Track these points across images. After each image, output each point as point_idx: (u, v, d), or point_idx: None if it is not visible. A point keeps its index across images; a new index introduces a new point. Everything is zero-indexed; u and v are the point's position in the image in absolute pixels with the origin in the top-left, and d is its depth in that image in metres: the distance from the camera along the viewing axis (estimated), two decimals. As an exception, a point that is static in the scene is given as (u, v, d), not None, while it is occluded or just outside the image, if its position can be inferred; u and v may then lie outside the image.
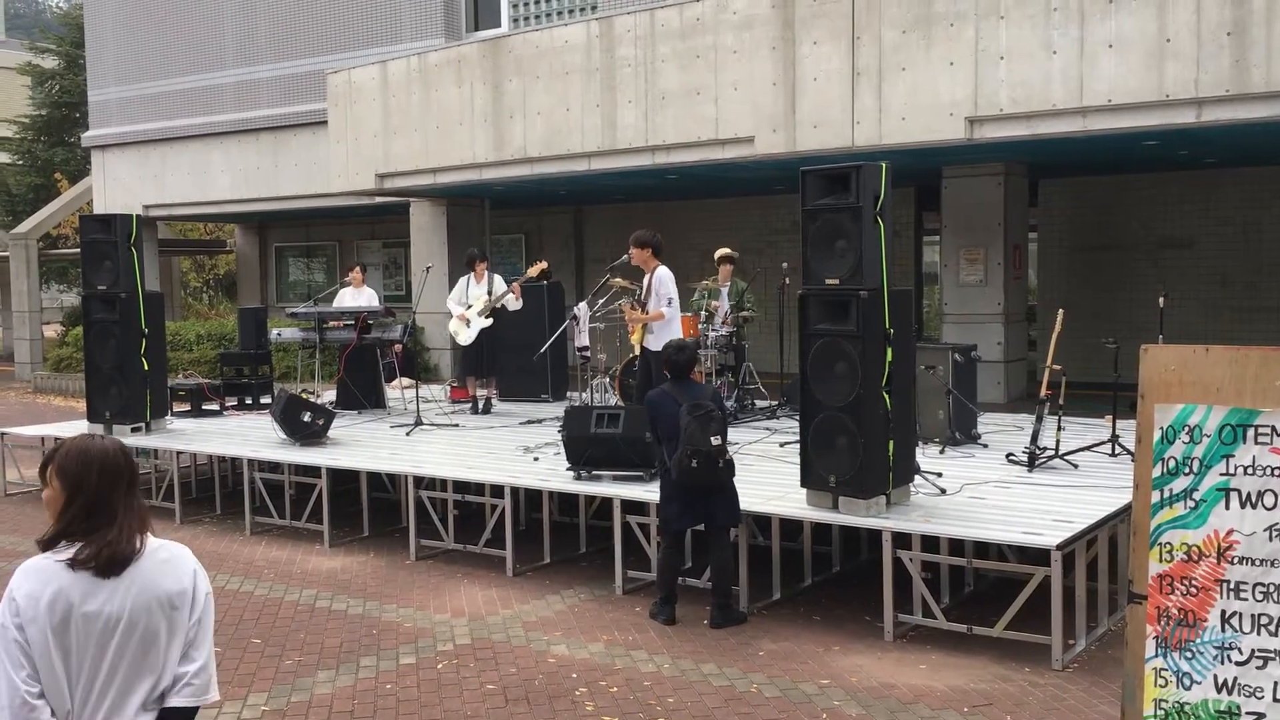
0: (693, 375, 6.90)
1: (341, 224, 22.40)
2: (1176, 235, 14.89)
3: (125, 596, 2.64)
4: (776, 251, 16.76)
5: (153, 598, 2.66)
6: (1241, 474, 3.44)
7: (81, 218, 11.14)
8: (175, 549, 2.76)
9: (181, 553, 2.76)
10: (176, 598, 2.69)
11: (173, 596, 2.68)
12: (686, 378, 6.77)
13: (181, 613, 2.69)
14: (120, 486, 2.72)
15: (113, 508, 2.69)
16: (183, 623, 2.70)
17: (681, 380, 6.73)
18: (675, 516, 6.59)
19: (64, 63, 29.26)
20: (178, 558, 2.75)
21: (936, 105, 10.56)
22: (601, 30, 12.75)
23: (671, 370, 6.77)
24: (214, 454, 10.04)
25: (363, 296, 12.50)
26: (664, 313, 9.04)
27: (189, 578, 2.72)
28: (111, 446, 2.77)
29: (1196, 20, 9.27)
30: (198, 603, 2.73)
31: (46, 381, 20.43)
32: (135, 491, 2.76)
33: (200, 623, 2.73)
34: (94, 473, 2.69)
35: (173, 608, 2.68)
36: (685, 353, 6.79)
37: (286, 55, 19.09)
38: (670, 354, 6.81)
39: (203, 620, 2.73)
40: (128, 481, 2.74)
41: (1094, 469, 7.75)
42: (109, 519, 2.68)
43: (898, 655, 6.10)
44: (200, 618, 2.73)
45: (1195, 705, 3.49)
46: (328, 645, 6.43)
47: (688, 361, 6.78)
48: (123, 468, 2.75)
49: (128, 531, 2.68)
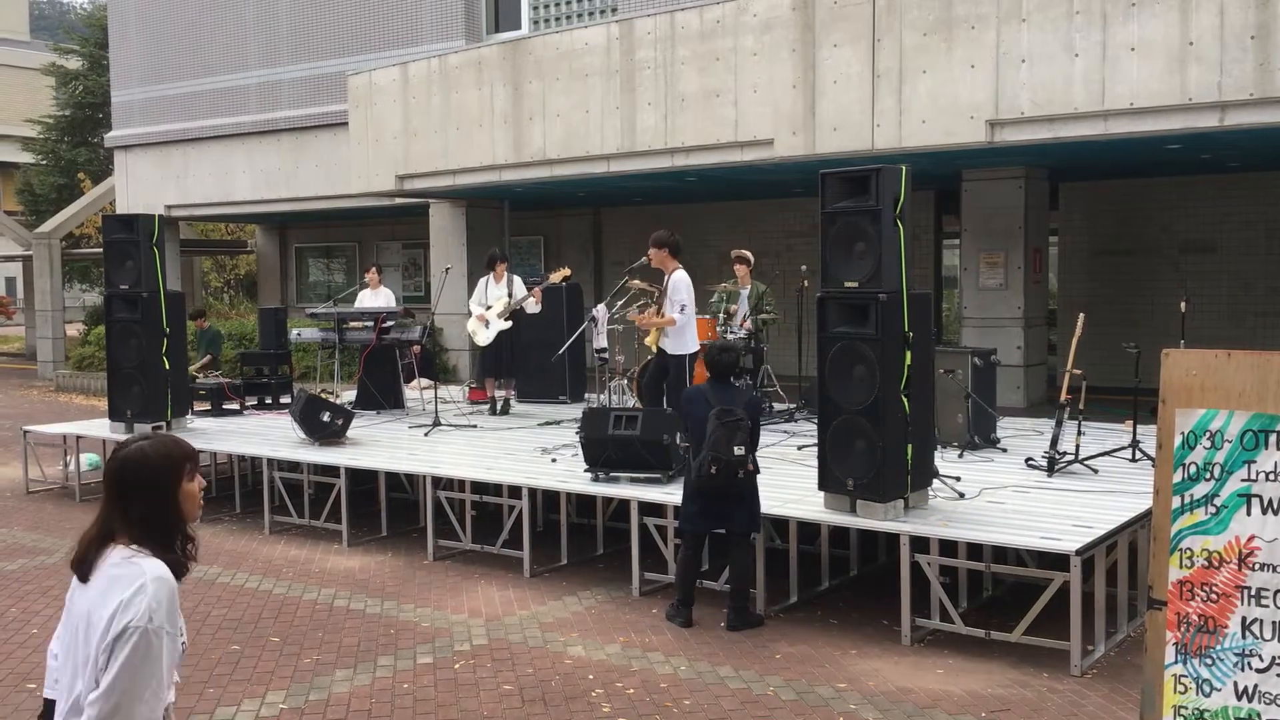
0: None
1: (361, 225, 22.49)
2: (1198, 239, 14.79)
3: (84, 599, 2.65)
4: (795, 254, 16.72)
5: (89, 607, 2.62)
6: (1263, 480, 3.43)
7: (104, 217, 11.21)
8: (132, 570, 2.60)
9: (132, 575, 2.59)
10: (96, 615, 2.58)
11: (94, 612, 2.59)
12: (727, 380, 6.74)
13: (94, 634, 2.57)
14: (110, 492, 2.72)
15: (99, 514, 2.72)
16: (94, 644, 2.56)
17: (722, 382, 6.71)
18: (692, 517, 6.58)
19: (87, 64, 29.49)
20: (125, 579, 2.59)
21: (957, 108, 10.52)
22: (621, 32, 12.76)
23: (712, 370, 6.73)
24: (234, 453, 10.09)
25: (380, 297, 12.55)
26: (675, 319, 8.92)
27: (113, 604, 2.55)
28: (120, 449, 2.77)
29: (1220, 23, 9.21)
30: (109, 631, 2.53)
31: (69, 380, 20.59)
32: (112, 497, 2.70)
33: (110, 654, 2.52)
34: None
35: (89, 624, 2.60)
36: (729, 354, 6.75)
37: (308, 57, 19.19)
38: (713, 354, 6.76)
39: (113, 653, 2.51)
40: (111, 487, 2.72)
41: (1114, 474, 7.71)
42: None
43: (915, 659, 6.08)
44: (110, 648, 2.52)
45: (1215, 712, 3.47)
46: (346, 644, 6.45)
47: (730, 363, 6.73)
48: (111, 474, 2.74)
49: (84, 540, 2.70)
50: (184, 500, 2.72)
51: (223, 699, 5.63)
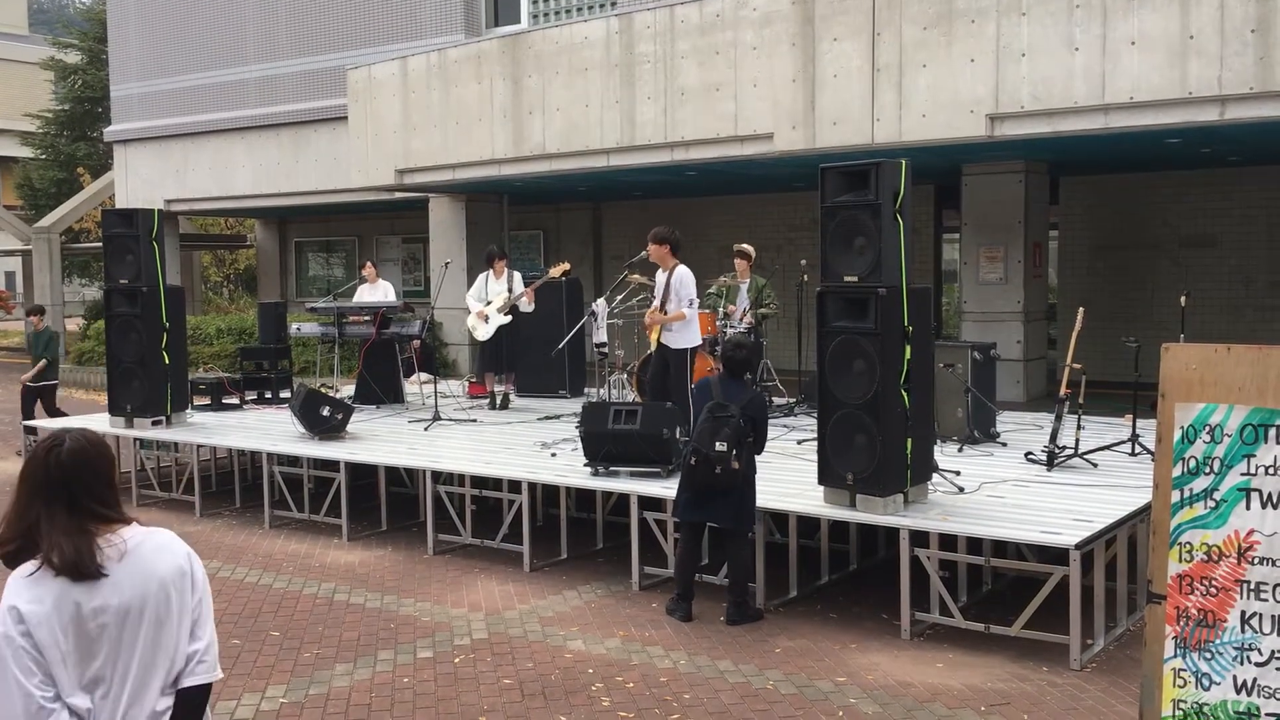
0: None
1: (361, 219, 22.48)
2: (1198, 233, 14.78)
3: (129, 586, 2.64)
4: (795, 248, 16.72)
5: (155, 582, 2.68)
6: (1263, 474, 3.43)
7: (104, 212, 11.20)
8: (163, 536, 2.77)
9: (170, 538, 2.79)
10: (178, 579, 2.72)
11: (174, 578, 2.71)
12: (740, 377, 6.78)
13: (185, 593, 2.73)
14: (38, 495, 2.64)
15: (35, 518, 2.64)
16: (187, 602, 2.73)
17: (733, 378, 6.74)
18: (682, 506, 6.64)
19: (87, 58, 29.45)
20: (169, 543, 2.76)
21: (957, 102, 10.51)
22: (621, 26, 12.74)
23: (725, 365, 6.79)
24: (234, 448, 10.09)
25: (379, 291, 12.55)
26: (686, 314, 8.98)
27: (185, 560, 2.75)
28: (40, 445, 2.71)
29: (1220, 17, 9.20)
30: (198, 582, 2.76)
31: (68, 375, 20.55)
32: (60, 498, 2.63)
33: (202, 602, 2.77)
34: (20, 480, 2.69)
35: (176, 589, 2.71)
36: (742, 351, 6.79)
37: (308, 51, 19.17)
38: (728, 350, 6.82)
39: (204, 600, 2.78)
40: (48, 487, 2.65)
41: (1114, 468, 7.71)
42: (37, 530, 2.63)
43: (914, 653, 6.08)
44: (201, 597, 2.77)
45: (1214, 706, 3.47)
46: (346, 638, 6.46)
47: (743, 361, 6.78)
48: (33, 470, 2.69)
49: (58, 543, 2.61)
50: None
51: (223, 693, 5.63)
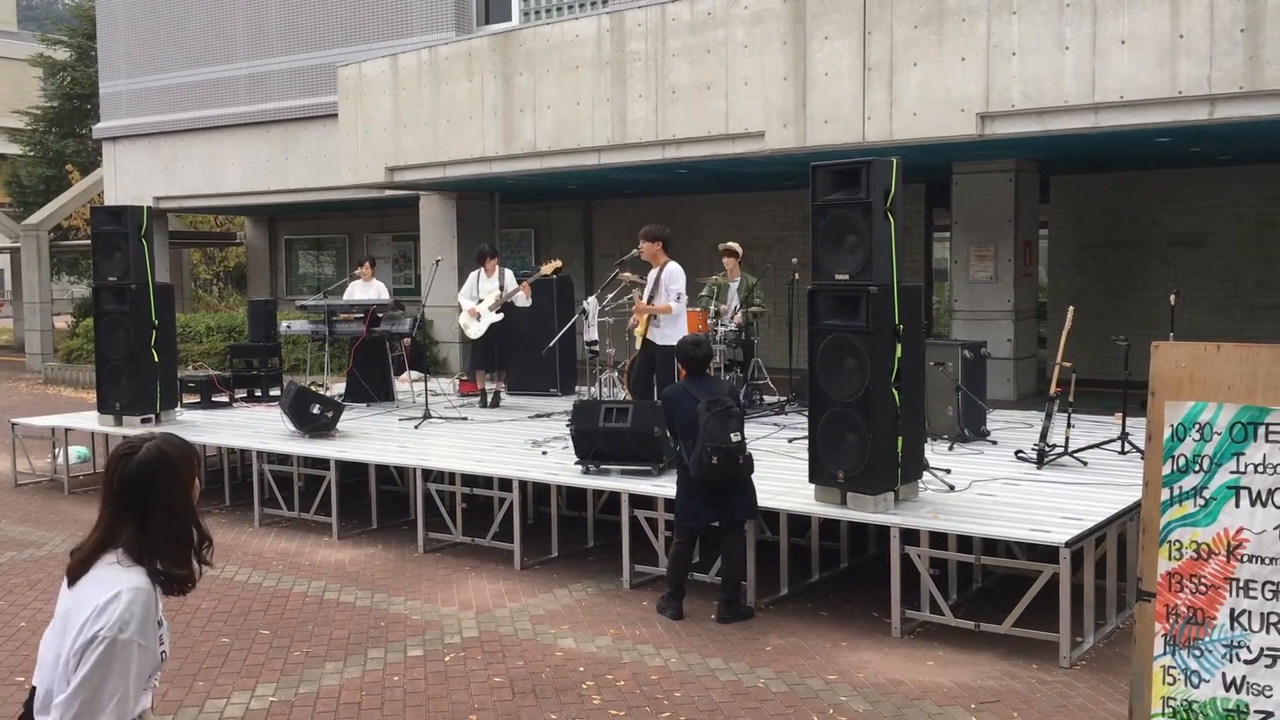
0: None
1: (351, 217, 22.43)
2: (1188, 232, 14.83)
3: (68, 598, 2.63)
4: (786, 247, 16.73)
5: (70, 607, 2.60)
6: (1252, 472, 3.44)
7: (92, 209, 11.15)
8: (116, 576, 2.57)
9: (112, 579, 2.56)
10: (73, 618, 2.56)
11: (72, 614, 2.57)
12: (703, 373, 6.77)
13: (68, 636, 2.55)
14: (124, 498, 2.67)
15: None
16: (67, 646, 2.54)
17: (699, 376, 6.73)
18: (694, 512, 6.54)
19: (75, 54, 29.33)
20: (103, 581, 2.56)
21: (948, 101, 10.52)
22: (612, 24, 12.73)
23: (688, 365, 6.77)
24: (223, 446, 10.06)
25: (371, 289, 12.53)
26: (672, 307, 9.03)
27: (89, 610, 2.52)
28: (130, 452, 2.69)
29: (1210, 16, 9.22)
30: (80, 635, 2.50)
31: (57, 372, 20.50)
32: (113, 498, 2.66)
33: (79, 660, 2.49)
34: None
35: (65, 625, 2.59)
36: (701, 348, 6.78)
37: (297, 48, 19.11)
38: (686, 349, 6.80)
39: (81, 659, 2.48)
40: (108, 488, 2.68)
41: (1103, 466, 7.73)
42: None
43: (905, 651, 6.09)
44: (80, 653, 2.49)
45: (1203, 703, 3.48)
46: (336, 637, 6.45)
47: (704, 357, 6.77)
48: (109, 474, 2.69)
49: (83, 549, 2.65)
50: (196, 498, 2.72)
51: (212, 691, 5.62)
